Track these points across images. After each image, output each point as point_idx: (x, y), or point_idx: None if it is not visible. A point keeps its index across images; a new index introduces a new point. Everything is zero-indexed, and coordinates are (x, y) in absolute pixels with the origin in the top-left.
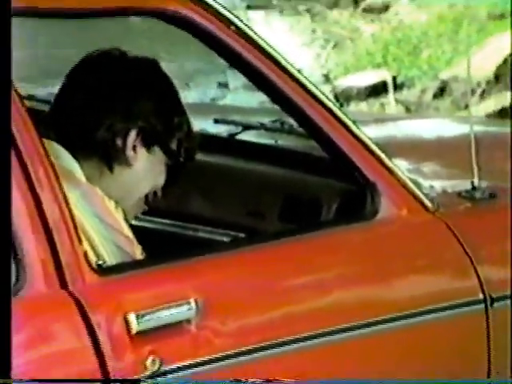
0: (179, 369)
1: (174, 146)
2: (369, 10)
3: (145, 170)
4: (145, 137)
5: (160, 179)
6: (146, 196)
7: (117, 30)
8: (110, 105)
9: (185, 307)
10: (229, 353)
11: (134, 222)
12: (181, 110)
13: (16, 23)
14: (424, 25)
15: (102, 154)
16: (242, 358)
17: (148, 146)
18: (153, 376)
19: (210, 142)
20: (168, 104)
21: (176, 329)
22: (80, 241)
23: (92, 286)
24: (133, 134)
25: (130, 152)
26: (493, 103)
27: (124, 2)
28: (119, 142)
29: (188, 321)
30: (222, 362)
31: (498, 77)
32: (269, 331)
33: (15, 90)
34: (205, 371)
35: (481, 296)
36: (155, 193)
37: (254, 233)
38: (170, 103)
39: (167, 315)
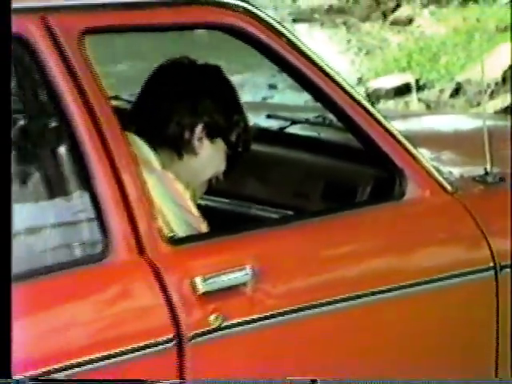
0: (237, 324)
1: (233, 138)
2: (395, 23)
3: (208, 157)
4: (209, 130)
5: (221, 166)
6: (210, 180)
7: (184, 42)
8: (179, 104)
9: (242, 272)
10: (278, 311)
11: (200, 202)
12: (239, 108)
13: (103, 41)
14: (442, 36)
15: (172, 144)
16: (288, 317)
17: (211, 137)
18: (216, 330)
19: (262, 134)
20: (228, 103)
21: (234, 291)
22: (155, 217)
23: (165, 255)
24: (199, 128)
25: (196, 143)
26: (500, 102)
27: (192, 18)
28: (187, 134)
29: (244, 284)
30: (273, 319)
31: (504, 79)
32: (311, 293)
33: (102, 91)
34: (258, 327)
35: (491, 264)
36: (217, 177)
37: (300, 211)
38: (230, 102)
39: (227, 279)
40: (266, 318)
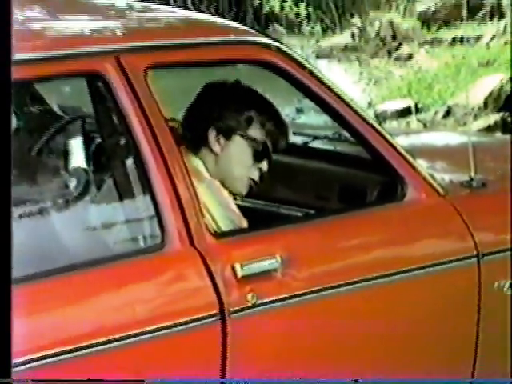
0: (269, 302)
1: (257, 135)
2: (398, 59)
3: (231, 155)
4: (222, 131)
5: (249, 162)
6: (250, 185)
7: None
8: (212, 114)
9: (273, 260)
10: (302, 292)
11: (241, 203)
12: (281, 130)
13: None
14: (435, 69)
15: (200, 147)
16: (310, 296)
17: (227, 137)
18: (252, 307)
19: (290, 148)
20: (271, 122)
21: (267, 275)
22: (203, 215)
23: (211, 246)
24: (212, 130)
25: (215, 147)
26: (482, 122)
27: (237, 55)
28: (204, 137)
29: (275, 270)
30: (298, 298)
31: (486, 104)
32: (329, 277)
33: (161, 114)
34: (286, 305)
35: (475, 252)
36: (255, 181)
37: (320, 210)
38: (274, 122)
39: (261, 265)
40: (292, 297)
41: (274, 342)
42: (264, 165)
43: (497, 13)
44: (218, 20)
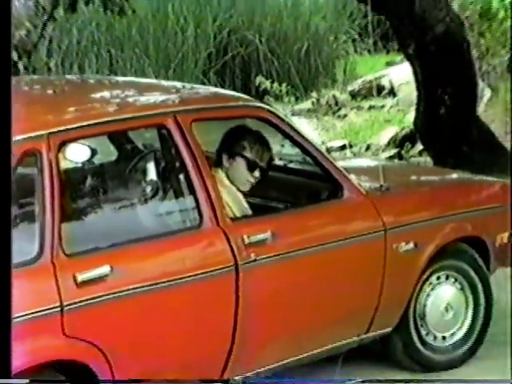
0: (264, 258)
1: (256, 162)
2: (338, 117)
3: (236, 170)
4: (231, 157)
5: (249, 177)
6: (252, 187)
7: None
8: (224, 144)
9: (266, 234)
10: (282, 252)
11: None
12: (266, 152)
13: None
14: (360, 123)
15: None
16: (286, 255)
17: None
18: (253, 261)
19: (275, 167)
20: (263, 149)
21: (262, 242)
22: (224, 207)
23: (229, 225)
24: (226, 156)
25: (226, 164)
26: (387, 154)
27: (243, 113)
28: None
29: (267, 239)
30: (280, 256)
31: (389, 144)
32: (298, 244)
33: (200, 148)
34: (272, 261)
35: (382, 228)
36: (253, 185)
37: (294, 204)
38: (264, 150)
39: (259, 237)
40: (276, 255)
41: (265, 281)
42: (256, 173)
43: (392, 92)
44: (232, 92)
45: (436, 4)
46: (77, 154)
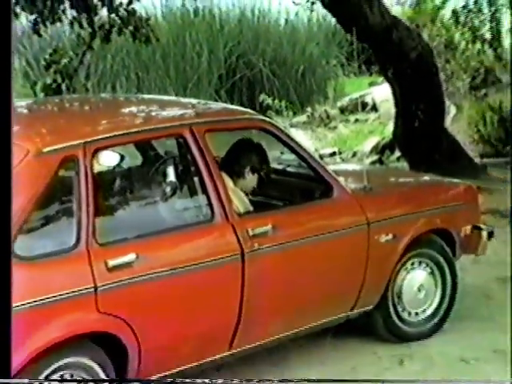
0: (266, 248)
1: (261, 171)
2: (330, 128)
3: (250, 179)
4: (252, 170)
5: (254, 182)
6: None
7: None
8: (238, 157)
9: (267, 227)
10: (280, 243)
11: (250, 198)
12: (267, 162)
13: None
14: (347, 134)
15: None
16: (283, 245)
17: (253, 172)
18: (256, 250)
19: (275, 170)
20: (262, 159)
21: (264, 234)
22: (232, 204)
23: (236, 220)
24: (247, 169)
25: (246, 174)
26: (369, 160)
27: (247, 125)
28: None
29: (267, 232)
30: (278, 246)
31: (372, 151)
32: (293, 236)
33: (211, 153)
34: (272, 250)
35: (366, 222)
36: (254, 188)
37: (291, 202)
38: (262, 159)
39: (261, 229)
40: (274, 245)
41: (267, 267)
42: (256, 179)
43: (374, 108)
44: (240, 107)
45: (409, 35)
46: (108, 159)
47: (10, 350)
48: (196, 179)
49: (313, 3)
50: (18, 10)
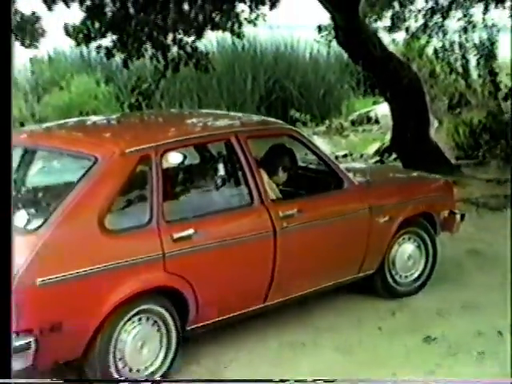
0: (293, 226)
1: (292, 171)
2: (343, 136)
3: (281, 176)
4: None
5: (283, 178)
6: (284, 180)
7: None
8: (273, 158)
9: (293, 211)
10: (301, 222)
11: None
12: (295, 162)
13: None
14: (357, 140)
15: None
16: (304, 225)
17: (284, 171)
18: (285, 228)
19: (300, 167)
20: (291, 160)
21: (291, 216)
22: (267, 192)
23: (270, 204)
24: (280, 169)
25: (279, 173)
26: (373, 161)
27: (276, 132)
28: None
29: (294, 214)
30: (301, 225)
31: (375, 154)
32: (312, 217)
33: (251, 154)
34: (296, 228)
35: (368, 206)
36: (284, 182)
37: (311, 192)
38: (292, 160)
39: (288, 212)
40: (297, 225)
41: (293, 240)
42: (285, 175)
43: (377, 121)
44: (275, 119)
45: (402, 66)
46: (174, 158)
47: (10, 350)
48: (240, 173)
49: (330, 41)
50: (114, 51)
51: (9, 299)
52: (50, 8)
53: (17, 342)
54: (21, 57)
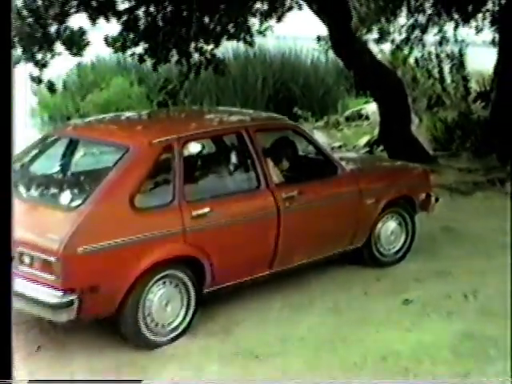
0: (293, 207)
1: (293, 160)
2: (339, 130)
3: (285, 164)
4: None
5: (286, 165)
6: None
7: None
8: (279, 148)
9: (294, 192)
10: (301, 204)
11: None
12: (296, 152)
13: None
14: (350, 134)
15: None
16: (304, 206)
17: (287, 159)
18: (287, 208)
19: (301, 156)
20: (293, 150)
21: (292, 197)
22: (272, 178)
23: (274, 188)
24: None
25: (283, 161)
26: (364, 151)
27: (280, 125)
28: (279, 157)
29: (294, 196)
30: (301, 206)
31: (365, 145)
32: (312, 200)
33: (260, 143)
34: (296, 208)
35: (358, 190)
36: (287, 168)
37: (310, 178)
38: (293, 150)
39: (289, 194)
40: (298, 205)
41: (294, 218)
42: (288, 163)
43: (367, 117)
44: (280, 116)
45: (388, 72)
46: (193, 148)
47: (10, 351)
48: (249, 161)
49: (327, 50)
50: (145, 57)
51: (9, 300)
52: (93, 23)
53: (63, 299)
54: (70, 63)
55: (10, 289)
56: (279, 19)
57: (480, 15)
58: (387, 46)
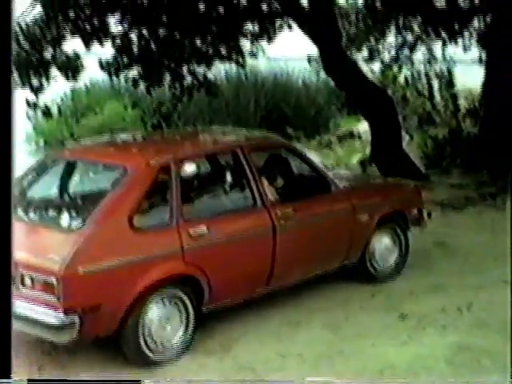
0: (289, 225)
1: (287, 178)
2: (330, 149)
3: (279, 181)
4: (282, 175)
5: (280, 183)
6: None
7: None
8: (272, 167)
9: (289, 209)
10: (298, 220)
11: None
12: (290, 168)
13: None
14: (345, 156)
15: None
16: (302, 222)
17: (282, 177)
18: (283, 226)
19: (295, 175)
20: (287, 168)
21: (288, 216)
22: (267, 196)
23: (271, 206)
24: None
25: (277, 178)
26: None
27: (275, 145)
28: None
29: (290, 215)
30: (299, 224)
31: (360, 165)
32: (308, 216)
33: (255, 164)
34: (293, 226)
35: (351, 207)
36: (281, 186)
37: (306, 195)
38: (287, 168)
39: (286, 212)
40: (296, 222)
41: (290, 235)
42: (282, 181)
43: (359, 136)
44: (274, 135)
45: (379, 91)
46: (189, 167)
47: (10, 351)
48: (244, 180)
49: (318, 70)
50: (139, 81)
51: (9, 301)
52: (87, 47)
53: (64, 319)
54: (63, 88)
55: (10, 291)
56: (270, 39)
57: (467, 34)
58: (377, 66)
